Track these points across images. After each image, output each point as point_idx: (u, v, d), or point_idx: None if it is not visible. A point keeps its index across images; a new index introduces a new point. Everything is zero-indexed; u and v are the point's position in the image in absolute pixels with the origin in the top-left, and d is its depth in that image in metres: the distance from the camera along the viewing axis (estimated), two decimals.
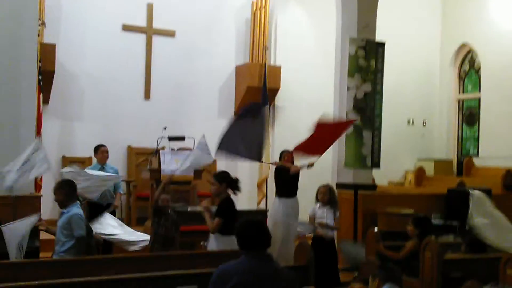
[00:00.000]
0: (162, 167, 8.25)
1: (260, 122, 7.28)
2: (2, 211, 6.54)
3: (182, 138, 8.71)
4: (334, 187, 7.58)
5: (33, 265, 4.38)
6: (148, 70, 10.60)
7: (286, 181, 7.72)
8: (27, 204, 6.75)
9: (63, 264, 4.38)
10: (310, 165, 7.57)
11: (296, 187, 7.76)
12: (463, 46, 12.71)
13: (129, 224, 8.66)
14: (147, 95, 10.60)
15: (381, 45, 9.19)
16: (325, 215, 6.82)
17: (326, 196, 6.86)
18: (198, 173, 8.74)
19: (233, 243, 5.51)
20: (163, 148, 8.59)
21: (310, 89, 11.34)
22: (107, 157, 7.84)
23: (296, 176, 7.70)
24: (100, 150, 7.79)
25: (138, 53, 10.52)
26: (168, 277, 3.99)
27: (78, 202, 5.49)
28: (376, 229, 5.97)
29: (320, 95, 10.98)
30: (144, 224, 8.37)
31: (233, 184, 5.89)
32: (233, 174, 10.02)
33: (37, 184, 8.05)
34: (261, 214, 8.61)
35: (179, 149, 8.88)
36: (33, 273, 4.12)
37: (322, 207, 6.88)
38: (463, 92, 12.98)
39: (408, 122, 12.76)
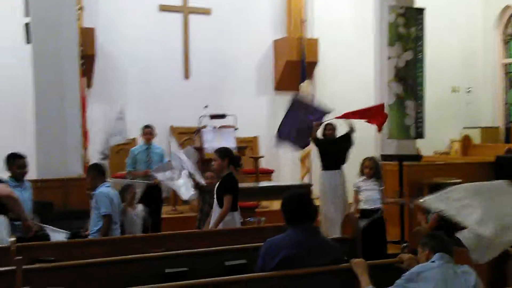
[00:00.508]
0: (205, 145, 8.33)
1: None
2: (53, 194, 6.75)
3: (223, 116, 8.75)
4: (378, 159, 7.50)
5: (85, 244, 4.49)
6: (186, 49, 10.64)
7: (328, 153, 7.68)
8: (76, 186, 6.94)
9: (114, 242, 4.48)
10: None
11: (340, 159, 7.70)
12: (506, 8, 12.27)
13: (175, 203, 8.82)
14: (186, 74, 10.66)
15: (421, 11, 8.93)
16: (371, 188, 6.75)
17: (371, 170, 6.78)
18: (241, 149, 8.79)
19: (235, 220, 5.54)
20: (204, 127, 8.64)
21: (349, 61, 11.18)
22: (153, 138, 7.94)
23: (339, 147, 7.65)
24: (146, 131, 7.89)
25: (175, 33, 10.56)
26: (217, 253, 4.04)
27: (106, 182, 5.61)
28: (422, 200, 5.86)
29: (359, 66, 10.84)
30: (190, 203, 8.48)
31: (235, 160, 5.83)
32: (275, 150, 10.17)
33: (86, 166, 8.23)
34: (305, 189, 8.57)
35: (220, 127, 8.94)
36: (85, 251, 4.23)
37: (367, 180, 6.81)
38: (508, 56, 12.57)
39: (452, 90, 12.46)
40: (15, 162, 5.63)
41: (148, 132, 7.87)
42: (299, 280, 3.36)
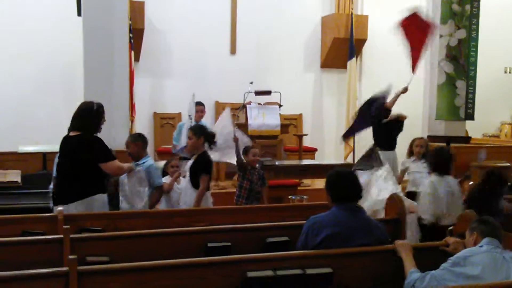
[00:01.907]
0: (249, 121, 8.33)
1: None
2: None
3: (268, 93, 8.70)
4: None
5: (130, 215, 4.56)
6: (233, 25, 10.58)
7: (383, 134, 7.53)
8: (124, 158, 7.04)
9: (159, 215, 4.54)
10: (404, 90, 7.43)
11: (393, 140, 7.55)
12: None
13: (217, 179, 8.88)
14: (233, 50, 10.61)
15: None
16: (420, 169, 6.59)
17: (423, 148, 6.63)
18: (285, 127, 8.76)
19: (208, 201, 5.47)
20: (249, 103, 8.62)
21: (399, 39, 10.90)
22: (203, 115, 7.97)
23: (392, 127, 7.50)
24: (197, 109, 7.90)
25: (223, 8, 10.50)
26: (259, 229, 4.04)
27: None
28: (471, 183, 5.73)
29: None
30: (232, 179, 8.53)
31: (210, 138, 5.68)
32: (319, 128, 10.09)
33: None
34: (349, 168, 8.48)
35: (265, 104, 8.91)
36: (130, 223, 4.31)
37: (417, 161, 6.66)
38: None
39: (505, 71, 12.04)
40: None
41: (199, 110, 7.90)
42: (342, 259, 3.33)
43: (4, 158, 7.02)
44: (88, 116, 4.88)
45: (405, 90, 7.46)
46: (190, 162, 5.60)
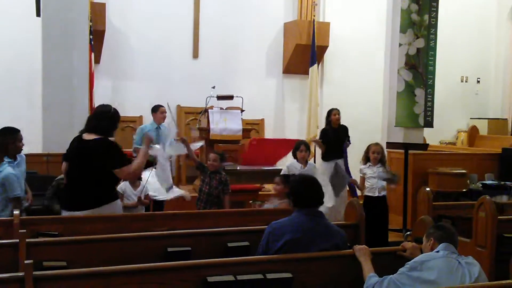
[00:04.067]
0: (211, 126, 8.30)
1: None
2: (58, 168, 6.72)
3: (230, 97, 8.70)
4: (384, 147, 7.47)
5: (88, 220, 4.47)
6: (196, 28, 10.55)
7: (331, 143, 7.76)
8: None
9: (118, 219, 4.47)
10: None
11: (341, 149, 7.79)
12: None
13: (179, 183, 8.83)
14: (195, 54, 10.58)
15: None
16: (376, 176, 6.72)
17: (378, 154, 6.75)
18: (246, 132, 8.77)
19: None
20: (211, 107, 8.61)
21: (360, 46, 11.08)
22: (165, 118, 7.92)
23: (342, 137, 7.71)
24: (160, 110, 7.86)
25: (186, 11, 10.47)
26: (220, 234, 4.03)
27: None
28: (428, 189, 5.85)
29: (370, 52, 10.76)
30: (193, 183, 8.49)
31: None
32: (281, 134, 10.13)
33: None
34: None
35: (227, 108, 8.90)
36: (88, 227, 4.23)
37: (372, 166, 6.78)
38: None
39: (462, 80, 12.37)
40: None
41: (162, 111, 7.87)
42: (301, 264, 3.36)
43: None
44: (106, 119, 4.67)
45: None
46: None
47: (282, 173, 6.62)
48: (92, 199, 4.47)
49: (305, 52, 10.72)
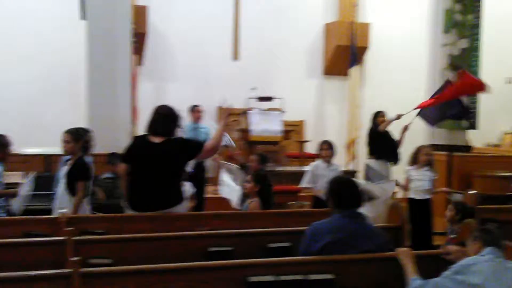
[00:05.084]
0: (251, 127, 8.34)
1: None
2: (102, 168, 6.86)
3: (270, 99, 8.73)
4: None
5: (134, 219, 4.55)
6: (236, 30, 10.59)
7: (382, 144, 7.57)
8: None
9: (162, 219, 4.53)
10: (398, 117, 7.36)
11: (391, 150, 7.58)
12: None
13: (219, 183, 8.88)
14: (236, 55, 10.62)
15: None
16: (423, 178, 6.59)
17: (429, 156, 6.62)
18: (287, 133, 8.77)
19: (84, 208, 5.21)
20: (251, 109, 8.65)
21: (401, 47, 10.96)
22: (201, 117, 8.03)
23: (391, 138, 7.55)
24: (196, 110, 8.01)
25: (227, 13, 10.52)
26: (261, 234, 4.04)
27: None
28: (472, 192, 5.73)
29: (411, 52, 10.61)
30: None
31: (88, 144, 5.52)
32: (321, 135, 10.09)
33: None
34: (350, 175, 8.50)
35: (267, 110, 8.93)
36: (133, 226, 4.30)
37: (420, 169, 6.64)
38: None
39: (507, 81, 12.06)
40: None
41: (197, 110, 7.98)
42: (343, 266, 3.33)
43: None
44: (173, 121, 4.77)
45: (398, 117, 7.41)
46: (65, 167, 5.30)
47: (307, 172, 6.64)
48: (171, 199, 4.62)
49: (345, 53, 10.67)
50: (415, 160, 6.69)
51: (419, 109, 7.39)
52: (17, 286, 2.73)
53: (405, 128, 7.45)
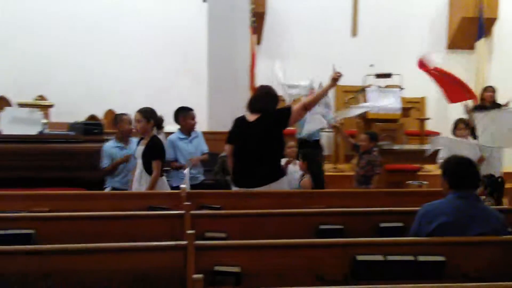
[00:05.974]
0: (369, 104, 8.23)
1: None
2: (222, 146, 7.14)
3: (388, 75, 8.54)
4: None
5: (250, 195, 4.71)
6: (355, 6, 10.45)
7: None
8: None
9: (278, 195, 4.65)
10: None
11: None
12: None
13: (336, 161, 8.89)
14: (354, 32, 10.49)
15: None
16: None
17: None
18: (406, 110, 8.55)
19: (164, 186, 5.36)
20: (369, 86, 8.52)
21: None
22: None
23: None
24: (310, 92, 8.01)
25: None
26: (372, 213, 4.03)
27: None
28: None
29: None
30: (350, 162, 8.49)
31: (160, 122, 5.55)
32: (443, 112, 9.70)
33: None
34: None
35: (386, 86, 8.75)
36: (248, 202, 4.47)
37: None
38: None
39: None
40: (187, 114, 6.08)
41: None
42: (456, 248, 3.25)
43: None
44: (272, 99, 4.97)
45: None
46: (141, 147, 5.49)
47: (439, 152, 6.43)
48: (273, 174, 4.82)
49: (471, 25, 10.13)
50: None
51: None
52: (137, 255, 2.97)
53: None
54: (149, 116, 5.43)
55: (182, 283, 2.87)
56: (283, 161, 5.90)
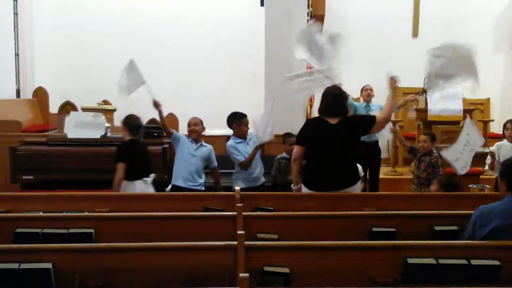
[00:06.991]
0: (429, 106, 8.07)
1: None
2: (280, 149, 7.19)
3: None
4: None
5: (301, 197, 4.74)
6: (416, 7, 10.28)
7: None
8: None
9: (329, 198, 4.66)
10: None
11: None
12: None
13: (395, 164, 8.77)
14: (415, 33, 10.32)
15: None
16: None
17: None
18: (468, 112, 8.32)
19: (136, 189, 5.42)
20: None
21: None
22: (372, 95, 8.00)
23: None
24: (365, 89, 7.99)
25: None
26: (426, 216, 3.97)
27: None
28: None
29: None
30: (410, 165, 8.36)
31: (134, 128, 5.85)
32: (509, 114, 9.36)
33: None
34: None
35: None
36: (301, 204, 4.50)
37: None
38: None
39: None
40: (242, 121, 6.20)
41: (367, 88, 7.98)
42: (510, 253, 3.17)
43: None
44: (345, 100, 5.04)
45: None
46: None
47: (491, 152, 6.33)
48: (354, 177, 4.87)
49: None
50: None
51: None
52: (190, 254, 3.06)
53: None
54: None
55: (232, 282, 2.95)
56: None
